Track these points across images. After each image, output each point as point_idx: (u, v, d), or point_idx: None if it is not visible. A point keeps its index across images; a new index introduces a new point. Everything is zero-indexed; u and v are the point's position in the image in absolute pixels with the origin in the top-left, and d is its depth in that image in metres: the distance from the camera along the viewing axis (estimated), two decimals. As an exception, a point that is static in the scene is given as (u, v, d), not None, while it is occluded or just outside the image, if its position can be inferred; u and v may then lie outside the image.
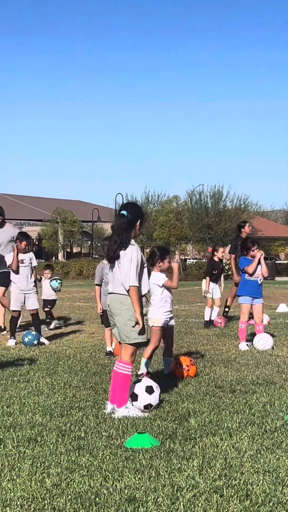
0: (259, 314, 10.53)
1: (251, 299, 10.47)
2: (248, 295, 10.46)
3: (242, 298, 10.53)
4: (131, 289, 6.04)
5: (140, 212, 6.36)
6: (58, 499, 3.99)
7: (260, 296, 10.54)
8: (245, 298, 10.49)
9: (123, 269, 6.09)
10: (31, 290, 11.24)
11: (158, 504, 3.89)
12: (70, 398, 6.79)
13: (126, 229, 6.15)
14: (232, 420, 5.80)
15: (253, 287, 10.45)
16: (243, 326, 10.45)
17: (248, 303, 10.47)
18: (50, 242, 61.86)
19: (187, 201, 51.43)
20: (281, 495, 4.02)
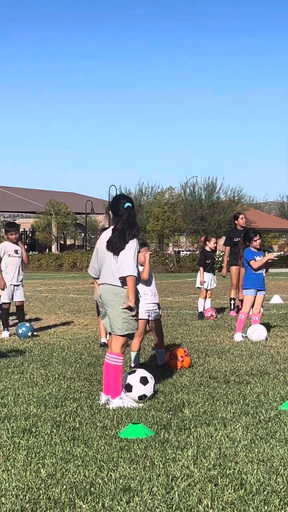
0: (258, 305, 10.53)
1: (255, 291, 10.47)
2: (253, 288, 10.46)
3: (248, 290, 10.51)
4: (130, 278, 6.05)
5: (134, 204, 6.43)
6: (53, 489, 4.00)
7: (264, 289, 10.57)
8: (250, 290, 10.48)
9: (125, 258, 6.08)
10: (20, 283, 11.31)
11: (153, 494, 3.90)
12: (65, 389, 6.79)
13: (134, 221, 6.19)
14: (226, 410, 5.82)
15: (259, 280, 10.46)
16: (242, 317, 10.45)
17: (252, 295, 10.47)
18: (43, 234, 61.76)
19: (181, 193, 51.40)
20: (275, 484, 4.04)
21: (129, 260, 6.08)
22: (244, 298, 10.61)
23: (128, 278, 6.06)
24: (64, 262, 48.03)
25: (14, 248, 11.26)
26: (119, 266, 6.11)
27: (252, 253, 10.46)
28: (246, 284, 10.52)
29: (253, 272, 10.41)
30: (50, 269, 47.62)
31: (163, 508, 3.69)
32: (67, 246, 68.62)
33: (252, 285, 10.44)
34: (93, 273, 6.50)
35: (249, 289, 10.47)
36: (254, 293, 10.46)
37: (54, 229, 61.58)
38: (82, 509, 3.70)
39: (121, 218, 6.19)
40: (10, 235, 11.24)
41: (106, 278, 6.22)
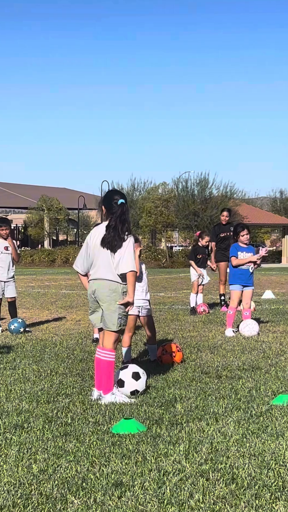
0: (247, 300, 10.55)
1: (241, 287, 10.47)
2: (239, 284, 10.45)
3: (233, 285, 10.52)
4: (131, 273, 6.07)
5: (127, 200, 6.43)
6: (45, 484, 4.00)
7: (251, 284, 10.55)
8: (236, 286, 10.48)
9: (125, 254, 6.08)
10: (11, 279, 11.30)
11: (144, 489, 3.91)
12: (57, 385, 6.79)
13: (128, 217, 6.20)
14: (218, 405, 5.84)
15: (244, 275, 10.43)
16: (231, 312, 10.47)
17: (238, 290, 10.47)
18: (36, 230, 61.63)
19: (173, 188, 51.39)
20: (267, 478, 4.06)
21: (129, 256, 6.09)
22: (231, 293, 10.63)
23: (129, 274, 6.07)
24: (57, 258, 47.97)
25: (4, 244, 11.24)
26: (118, 263, 6.10)
27: (237, 248, 10.44)
28: (231, 279, 10.55)
29: (238, 268, 10.41)
30: (43, 265, 47.54)
31: (154, 503, 3.70)
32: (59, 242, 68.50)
33: (237, 280, 10.44)
34: (80, 269, 6.46)
35: (234, 285, 10.48)
36: (240, 288, 10.46)
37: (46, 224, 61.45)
38: (74, 504, 3.71)
39: (115, 215, 6.18)
40: (1, 231, 11.20)
41: (102, 273, 6.19)
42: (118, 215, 6.17)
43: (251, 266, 10.46)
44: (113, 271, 6.13)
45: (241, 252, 10.44)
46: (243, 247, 10.48)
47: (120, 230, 6.13)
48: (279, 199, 64.25)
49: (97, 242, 6.24)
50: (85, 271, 6.45)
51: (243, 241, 10.45)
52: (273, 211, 62.54)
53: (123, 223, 6.16)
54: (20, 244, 64.41)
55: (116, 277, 6.13)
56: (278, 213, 60.70)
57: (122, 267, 6.08)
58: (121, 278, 6.13)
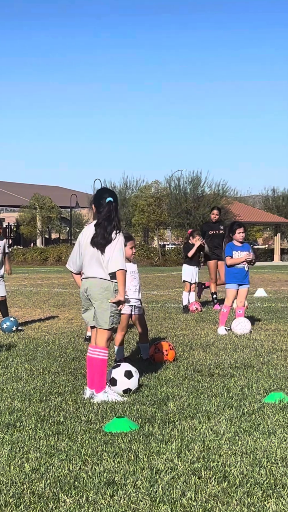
0: (242, 298, 10.55)
1: (237, 285, 10.47)
2: (235, 282, 10.45)
3: (229, 284, 10.52)
4: (120, 272, 6.06)
5: (117, 198, 6.41)
6: (37, 483, 4.00)
7: (247, 282, 10.55)
8: (232, 284, 10.48)
9: (114, 253, 6.09)
10: (1, 278, 11.32)
11: (137, 487, 3.92)
12: (49, 383, 6.79)
13: (115, 215, 6.18)
14: (211, 403, 5.85)
15: (240, 274, 10.43)
16: (225, 310, 10.47)
17: (235, 288, 10.47)
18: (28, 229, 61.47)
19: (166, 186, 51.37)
20: (258, 476, 4.07)
21: (118, 255, 6.09)
22: (226, 291, 10.63)
23: (118, 272, 6.07)
24: (49, 256, 47.89)
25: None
26: (107, 261, 6.11)
27: (232, 248, 10.43)
28: (228, 278, 10.54)
29: (234, 267, 10.41)
30: (35, 263, 47.47)
31: (147, 501, 3.70)
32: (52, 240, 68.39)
33: (233, 279, 10.44)
34: (73, 268, 6.47)
35: (230, 284, 10.48)
36: (236, 287, 10.46)
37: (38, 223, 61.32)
38: (66, 503, 3.71)
39: (102, 213, 6.20)
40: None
41: (93, 272, 6.20)
42: (105, 213, 6.19)
43: (246, 265, 10.46)
44: (105, 269, 6.14)
45: (236, 251, 10.44)
46: (238, 246, 10.48)
47: (106, 229, 6.12)
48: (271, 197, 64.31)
49: (88, 241, 6.25)
50: (78, 270, 6.45)
51: (238, 239, 10.45)
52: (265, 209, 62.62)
53: (109, 222, 6.15)
54: (12, 243, 64.28)
55: (107, 275, 6.13)
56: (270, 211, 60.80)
57: (111, 266, 6.09)
58: (112, 276, 6.14)
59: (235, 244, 10.46)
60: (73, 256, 6.44)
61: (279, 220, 57.22)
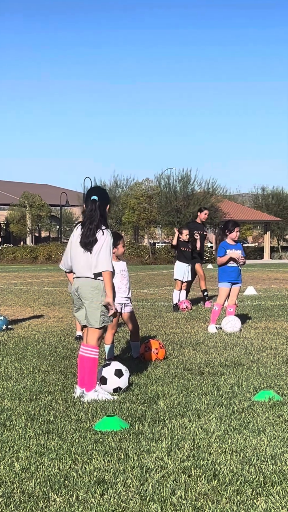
0: (234, 296, 10.57)
1: (230, 284, 10.50)
2: (228, 281, 10.47)
3: (222, 283, 10.54)
4: (106, 273, 6.05)
5: (107, 196, 6.40)
6: (27, 482, 4.00)
7: (239, 281, 10.58)
8: (225, 283, 10.50)
9: (100, 253, 6.08)
10: None
11: (127, 486, 3.92)
12: (39, 382, 6.78)
13: (100, 214, 6.16)
14: (201, 401, 5.86)
15: (233, 273, 10.46)
16: (217, 309, 10.49)
17: (227, 287, 10.50)
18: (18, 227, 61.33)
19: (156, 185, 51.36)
20: (248, 474, 4.09)
21: (103, 255, 6.07)
22: (219, 290, 10.65)
23: (104, 273, 6.06)
24: (39, 255, 47.79)
25: None
26: (94, 261, 6.10)
27: (226, 247, 10.46)
28: (221, 277, 10.55)
29: (228, 265, 10.43)
30: (25, 262, 47.36)
31: (137, 500, 3.71)
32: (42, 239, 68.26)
33: (227, 278, 10.46)
34: (65, 267, 6.48)
35: (224, 282, 10.50)
36: (229, 286, 10.49)
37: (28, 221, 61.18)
38: (56, 502, 3.71)
39: (86, 212, 6.21)
40: None
41: (83, 271, 6.19)
42: (87, 212, 6.19)
43: (240, 263, 10.49)
44: (92, 268, 6.12)
45: (230, 249, 10.47)
46: (231, 245, 10.50)
47: (90, 228, 6.11)
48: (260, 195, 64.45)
49: (77, 241, 6.24)
50: (69, 269, 6.45)
51: (235, 238, 10.49)
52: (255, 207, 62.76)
53: (91, 221, 6.14)
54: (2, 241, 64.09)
55: (97, 274, 6.13)
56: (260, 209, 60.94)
57: (98, 266, 6.08)
58: (98, 275, 6.13)
59: (228, 243, 10.49)
60: (65, 255, 6.45)
61: (269, 218, 57.37)
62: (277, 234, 64.58)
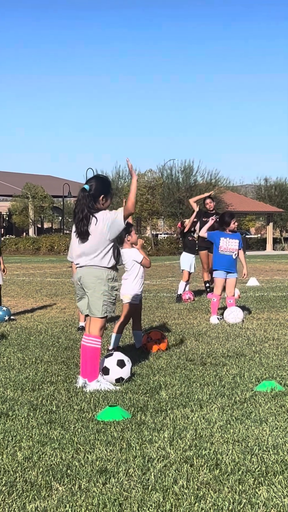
0: (231, 288, 10.59)
1: (225, 274, 10.51)
2: (222, 270, 10.49)
3: (217, 272, 10.56)
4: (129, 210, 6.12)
5: (105, 187, 6.20)
6: (29, 471, 4.01)
7: (234, 271, 10.58)
8: (219, 272, 10.52)
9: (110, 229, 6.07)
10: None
11: (129, 475, 3.94)
12: (42, 372, 6.80)
13: (86, 203, 6.10)
14: (203, 392, 5.87)
15: (227, 261, 10.47)
16: (215, 300, 10.52)
17: (222, 277, 10.51)
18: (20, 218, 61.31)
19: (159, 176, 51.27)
20: (250, 463, 4.10)
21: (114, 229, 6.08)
22: (214, 280, 10.69)
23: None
24: (42, 246, 47.80)
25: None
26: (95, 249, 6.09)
27: (221, 235, 10.50)
28: (215, 265, 10.62)
29: (222, 253, 10.45)
30: (28, 253, 47.38)
31: (139, 489, 3.72)
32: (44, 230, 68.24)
33: (220, 266, 10.48)
34: (69, 257, 6.50)
35: (218, 271, 10.52)
36: (224, 275, 10.50)
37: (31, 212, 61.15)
38: (59, 491, 3.72)
39: (76, 202, 6.20)
40: None
41: (85, 260, 6.19)
42: (76, 202, 6.18)
43: (235, 253, 10.49)
44: (96, 258, 6.11)
45: (224, 238, 10.48)
46: (228, 234, 10.51)
47: (80, 218, 6.09)
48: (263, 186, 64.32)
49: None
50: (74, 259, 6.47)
51: (233, 229, 10.52)
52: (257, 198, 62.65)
53: (81, 210, 6.08)
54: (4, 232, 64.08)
55: (100, 263, 6.12)
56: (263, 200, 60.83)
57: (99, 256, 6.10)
58: (105, 264, 6.12)
59: (225, 232, 10.51)
60: (70, 246, 6.47)
61: (272, 210, 57.28)
62: (279, 225, 64.50)
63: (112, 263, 6.18)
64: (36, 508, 3.48)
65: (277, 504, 3.50)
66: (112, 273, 6.18)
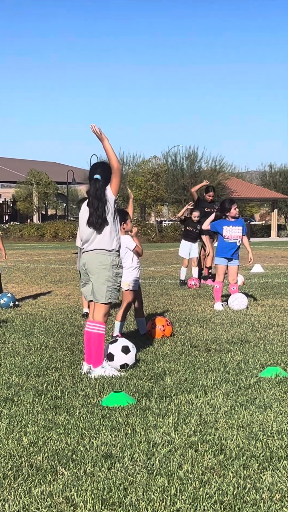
0: (233, 275, 10.60)
1: (226, 261, 10.52)
2: (224, 257, 10.50)
3: (218, 259, 10.58)
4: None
5: (111, 173, 6.17)
6: (35, 456, 4.04)
7: (236, 258, 10.59)
8: (221, 259, 10.54)
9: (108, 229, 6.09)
10: None
11: (134, 460, 3.96)
12: (47, 358, 6.82)
13: (104, 192, 6.09)
14: (207, 378, 5.89)
15: (230, 249, 10.48)
16: (218, 287, 10.53)
17: (224, 264, 10.53)
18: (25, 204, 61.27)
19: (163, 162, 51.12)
20: (254, 449, 4.11)
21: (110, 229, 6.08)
22: (216, 268, 10.70)
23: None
24: (46, 232, 47.79)
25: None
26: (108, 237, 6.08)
27: (224, 223, 10.49)
28: (218, 252, 10.63)
29: (226, 240, 10.46)
30: (32, 240, 47.40)
31: (144, 473, 3.74)
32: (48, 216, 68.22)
33: (221, 253, 10.50)
34: (78, 243, 6.50)
35: (219, 258, 10.54)
36: (226, 263, 10.51)
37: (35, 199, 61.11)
38: (64, 475, 3.75)
39: (91, 192, 6.12)
40: None
41: (91, 246, 6.18)
42: (93, 192, 6.11)
43: (238, 240, 10.50)
44: (102, 244, 6.10)
45: (228, 226, 10.47)
46: (230, 221, 10.50)
47: (98, 209, 6.06)
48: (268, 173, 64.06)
49: (84, 221, 6.20)
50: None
51: (234, 215, 10.50)
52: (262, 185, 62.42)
53: (98, 200, 6.06)
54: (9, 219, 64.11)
55: (105, 247, 6.10)
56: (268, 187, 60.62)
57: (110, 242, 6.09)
58: (110, 249, 6.11)
59: (228, 220, 10.49)
60: (78, 232, 6.48)
61: (276, 196, 57.10)
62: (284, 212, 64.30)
63: (116, 246, 6.14)
64: (41, 492, 3.51)
65: (282, 489, 3.52)
66: (117, 260, 6.18)
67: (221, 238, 10.55)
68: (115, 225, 6.15)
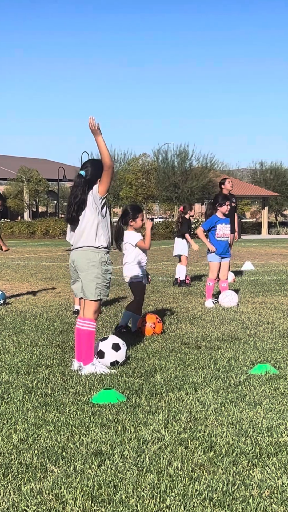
0: (224, 271, 10.63)
1: (219, 258, 10.55)
2: (217, 254, 10.53)
3: (211, 256, 10.59)
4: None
5: (100, 170, 6.09)
6: (25, 453, 4.03)
7: (228, 255, 10.64)
8: (214, 256, 10.55)
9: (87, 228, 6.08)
10: None
11: (124, 457, 3.96)
12: (37, 356, 6.81)
13: (83, 190, 6.07)
14: (197, 375, 5.90)
15: (223, 247, 10.53)
16: (210, 284, 10.54)
17: (217, 261, 10.55)
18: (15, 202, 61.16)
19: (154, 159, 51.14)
20: (244, 445, 4.12)
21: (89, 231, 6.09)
22: (209, 265, 10.71)
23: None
24: (37, 230, 47.69)
25: None
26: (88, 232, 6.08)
27: (213, 220, 10.49)
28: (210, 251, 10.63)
29: (218, 239, 10.49)
30: (23, 237, 47.30)
31: (134, 471, 3.74)
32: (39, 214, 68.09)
33: (216, 251, 10.51)
34: (68, 239, 6.50)
35: (213, 255, 10.56)
36: (218, 260, 10.55)
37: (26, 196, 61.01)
38: (54, 473, 3.74)
39: (72, 188, 6.14)
40: None
41: (79, 243, 6.18)
42: (72, 188, 6.14)
43: (229, 237, 10.58)
44: (88, 241, 6.09)
45: (221, 223, 10.50)
46: (222, 219, 10.53)
47: (71, 205, 6.08)
48: (259, 170, 64.18)
49: None
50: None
51: (225, 211, 10.51)
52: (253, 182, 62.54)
53: (74, 197, 6.07)
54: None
55: (93, 244, 6.09)
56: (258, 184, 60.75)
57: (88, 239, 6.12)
58: (98, 246, 6.09)
59: (219, 217, 10.52)
60: (67, 229, 6.49)
61: (267, 194, 57.24)
62: (275, 210, 64.48)
63: (104, 243, 6.12)
64: (31, 490, 3.50)
65: (271, 485, 3.53)
66: (105, 256, 6.17)
67: (212, 236, 10.56)
68: (103, 222, 6.14)
